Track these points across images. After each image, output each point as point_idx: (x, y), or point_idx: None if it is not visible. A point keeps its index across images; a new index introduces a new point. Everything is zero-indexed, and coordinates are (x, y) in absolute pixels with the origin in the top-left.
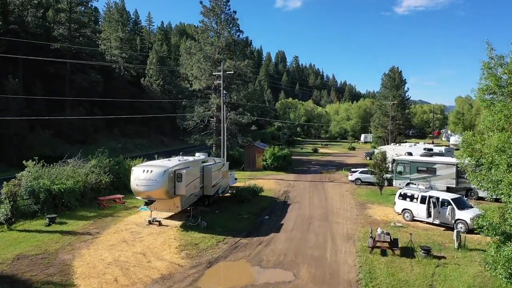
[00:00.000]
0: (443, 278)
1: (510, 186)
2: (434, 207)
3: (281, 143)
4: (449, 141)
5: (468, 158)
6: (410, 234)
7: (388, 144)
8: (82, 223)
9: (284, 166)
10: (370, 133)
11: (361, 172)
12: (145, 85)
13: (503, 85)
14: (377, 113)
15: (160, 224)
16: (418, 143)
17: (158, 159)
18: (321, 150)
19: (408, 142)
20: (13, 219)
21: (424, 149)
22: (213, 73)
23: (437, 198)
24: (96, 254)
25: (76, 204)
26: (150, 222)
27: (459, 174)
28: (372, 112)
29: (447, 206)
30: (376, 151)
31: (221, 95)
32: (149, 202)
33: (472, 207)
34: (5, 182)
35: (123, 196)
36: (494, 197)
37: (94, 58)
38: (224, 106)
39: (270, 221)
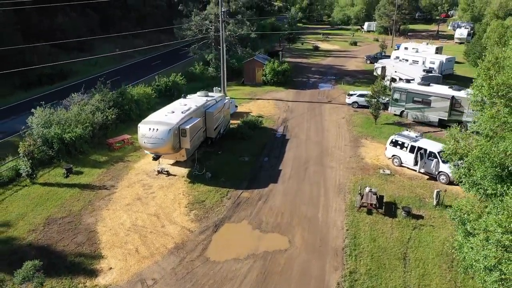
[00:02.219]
0: (417, 245)
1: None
2: (421, 158)
3: (281, 48)
4: (454, 30)
5: (453, 153)
6: (395, 198)
7: (390, 34)
8: (96, 172)
9: (283, 81)
10: (374, 21)
11: (358, 96)
12: None
13: (494, 95)
14: (383, 1)
15: (168, 174)
16: (421, 43)
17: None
18: (322, 46)
19: (410, 43)
20: (34, 175)
21: (424, 70)
22: None
23: (425, 150)
24: (115, 217)
25: (87, 148)
26: (159, 172)
27: (452, 107)
28: None
29: (433, 158)
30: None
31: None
32: (156, 157)
33: None
34: (21, 141)
35: (130, 136)
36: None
37: None
38: (223, 23)
39: (269, 166)
